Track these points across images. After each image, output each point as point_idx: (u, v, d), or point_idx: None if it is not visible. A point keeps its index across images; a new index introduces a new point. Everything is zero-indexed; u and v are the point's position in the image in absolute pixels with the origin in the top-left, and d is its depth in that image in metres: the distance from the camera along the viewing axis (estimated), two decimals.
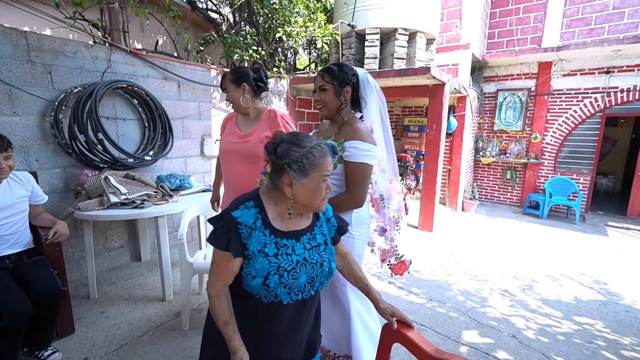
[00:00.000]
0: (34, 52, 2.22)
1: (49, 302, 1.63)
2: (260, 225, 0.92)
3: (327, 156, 0.92)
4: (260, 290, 0.90)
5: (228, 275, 0.93)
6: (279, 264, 0.91)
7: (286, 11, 3.38)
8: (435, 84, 3.90)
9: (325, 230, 1.03)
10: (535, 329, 2.15)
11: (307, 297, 0.96)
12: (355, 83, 1.37)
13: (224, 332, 0.91)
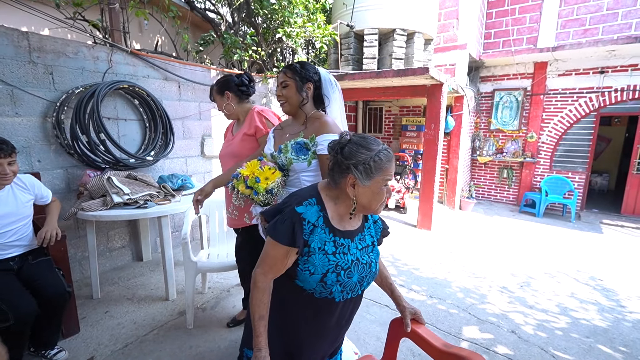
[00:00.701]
0: (35, 53, 2.22)
1: (55, 303, 1.64)
2: (322, 223, 0.94)
3: (393, 161, 0.93)
4: (317, 287, 0.93)
5: (281, 269, 0.94)
6: (337, 262, 0.93)
7: (285, 12, 3.40)
8: (433, 84, 3.95)
9: (373, 232, 1.06)
10: (533, 324, 2.20)
11: (355, 295, 1.00)
12: (317, 80, 1.40)
13: (256, 326, 0.92)
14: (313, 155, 1.30)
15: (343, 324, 1.03)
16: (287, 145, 1.33)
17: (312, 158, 1.30)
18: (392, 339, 1.16)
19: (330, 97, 1.42)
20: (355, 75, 3.81)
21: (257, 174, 1.26)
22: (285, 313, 0.99)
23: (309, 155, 1.30)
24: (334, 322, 1.01)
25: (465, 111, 5.25)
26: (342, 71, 4.11)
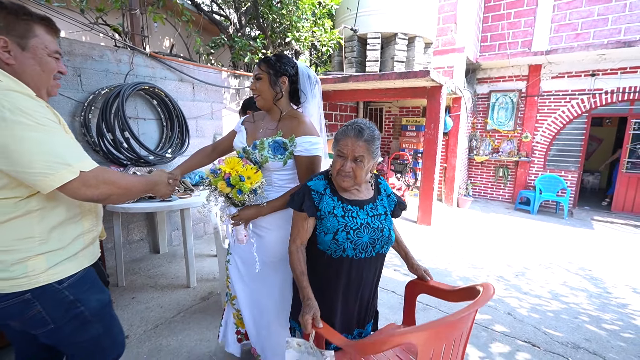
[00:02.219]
0: (66, 56, 2.37)
1: None
2: (329, 192, 1.16)
3: (345, 137, 1.11)
4: (330, 245, 1.12)
5: (304, 233, 1.17)
6: (345, 223, 1.12)
7: (293, 16, 3.57)
8: (433, 86, 4.14)
9: (386, 204, 1.24)
10: (527, 307, 2.40)
11: (369, 256, 1.16)
12: (293, 75, 1.34)
13: (299, 281, 1.12)
14: (289, 156, 1.29)
15: (359, 282, 1.18)
16: (263, 142, 1.29)
17: (288, 158, 1.29)
18: (410, 300, 1.38)
19: (307, 93, 1.38)
20: (359, 77, 4.00)
21: (240, 172, 1.20)
22: (316, 279, 1.17)
23: (286, 155, 1.29)
24: (355, 281, 1.17)
25: (463, 112, 5.46)
26: (346, 73, 4.29)
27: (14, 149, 0.77)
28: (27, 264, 0.86)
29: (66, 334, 0.96)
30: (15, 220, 0.84)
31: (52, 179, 0.80)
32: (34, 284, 0.87)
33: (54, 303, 0.92)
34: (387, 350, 1.15)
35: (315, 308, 1.07)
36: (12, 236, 0.84)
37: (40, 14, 0.92)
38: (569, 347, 1.97)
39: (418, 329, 0.91)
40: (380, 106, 6.61)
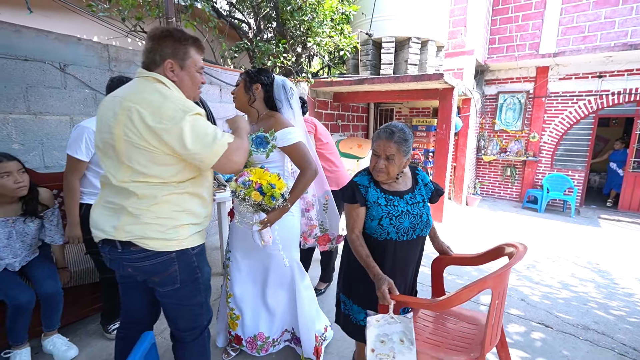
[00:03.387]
0: (113, 62, 2.59)
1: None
2: (373, 186, 1.36)
3: (381, 138, 1.30)
4: (376, 229, 1.32)
5: (359, 222, 1.35)
6: (388, 211, 1.32)
7: (313, 22, 3.76)
8: (445, 88, 4.31)
9: (423, 192, 1.42)
10: (539, 295, 2.57)
11: (410, 239, 1.34)
12: (267, 84, 1.54)
13: (366, 263, 1.28)
14: (271, 149, 1.48)
15: (403, 262, 1.37)
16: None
17: (270, 151, 1.48)
18: (437, 274, 1.57)
19: (283, 101, 1.58)
20: (375, 80, 4.18)
21: (269, 180, 1.35)
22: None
23: (268, 149, 1.48)
24: (400, 261, 1.36)
25: (472, 113, 5.62)
26: (362, 76, 4.48)
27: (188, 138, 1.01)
28: (177, 230, 1.10)
29: (182, 295, 1.18)
30: (176, 196, 1.09)
31: (213, 153, 1.05)
32: (178, 247, 1.10)
33: (186, 266, 1.14)
34: (469, 299, 1.27)
35: (389, 280, 1.22)
36: (172, 208, 1.08)
37: (192, 36, 1.15)
38: (580, 328, 2.14)
39: (490, 277, 1.19)
40: (391, 107, 6.79)
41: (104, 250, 1.14)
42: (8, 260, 1.61)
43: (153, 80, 1.08)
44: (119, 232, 1.06)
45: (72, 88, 2.39)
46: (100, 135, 1.09)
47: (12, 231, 1.59)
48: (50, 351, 1.76)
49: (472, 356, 1.25)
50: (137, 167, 1.03)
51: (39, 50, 2.20)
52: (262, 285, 1.68)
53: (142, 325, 1.32)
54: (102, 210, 1.12)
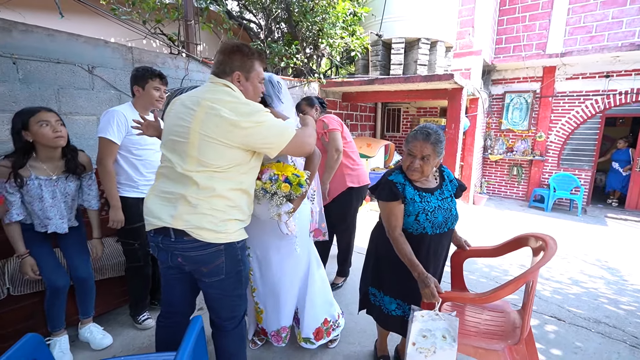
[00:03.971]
0: (136, 64, 2.68)
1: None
2: (408, 183, 1.42)
3: (417, 139, 1.36)
4: (413, 224, 1.39)
5: (400, 219, 1.39)
6: (423, 207, 1.39)
7: (325, 24, 3.84)
8: (454, 88, 4.37)
9: (450, 188, 1.51)
10: (550, 290, 2.64)
11: (442, 232, 1.43)
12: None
13: (411, 261, 1.33)
14: None
15: (435, 254, 1.46)
16: None
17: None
18: (456, 267, 1.65)
19: (272, 96, 1.61)
20: (385, 80, 4.25)
21: (293, 172, 1.44)
22: (396, 255, 1.43)
23: None
24: (433, 254, 1.44)
25: (479, 112, 5.67)
26: (372, 76, 4.56)
27: (263, 132, 1.17)
28: (227, 223, 1.18)
29: (226, 285, 1.26)
30: (232, 191, 1.19)
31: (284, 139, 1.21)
32: (227, 240, 1.19)
33: (232, 258, 1.23)
34: (514, 292, 1.32)
35: (434, 279, 1.30)
36: (226, 202, 1.18)
37: (257, 51, 1.27)
38: (591, 321, 2.21)
39: (530, 271, 1.28)
40: (399, 107, 6.85)
41: (155, 239, 1.22)
42: (55, 221, 1.64)
43: (223, 85, 1.21)
44: (176, 220, 1.14)
45: (98, 89, 2.48)
46: (171, 130, 1.19)
47: (55, 190, 1.63)
48: (86, 339, 1.85)
49: (509, 342, 1.33)
50: (205, 159, 1.14)
51: (70, 53, 2.29)
52: (280, 278, 1.74)
53: (181, 315, 1.40)
54: (157, 200, 1.20)
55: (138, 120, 1.59)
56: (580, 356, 1.87)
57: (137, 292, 2.03)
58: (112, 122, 1.72)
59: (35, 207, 1.59)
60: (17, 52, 2.05)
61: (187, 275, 1.31)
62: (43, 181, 1.58)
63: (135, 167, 1.87)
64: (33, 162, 1.57)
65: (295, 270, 1.73)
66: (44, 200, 1.59)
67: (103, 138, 1.72)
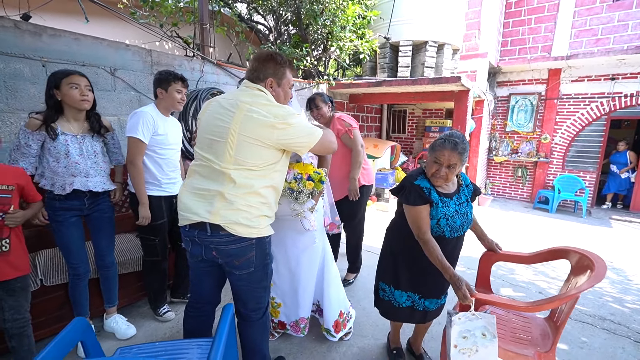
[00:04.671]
0: (155, 66, 2.77)
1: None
2: (433, 189, 1.45)
3: (444, 147, 1.38)
4: (434, 228, 1.43)
5: (428, 223, 1.40)
6: (445, 212, 1.43)
7: (335, 26, 3.92)
8: (460, 90, 4.44)
9: (466, 192, 1.55)
10: (555, 288, 2.70)
11: (458, 235, 1.48)
12: None
13: (442, 264, 1.33)
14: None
15: (452, 255, 1.51)
16: None
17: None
18: (484, 268, 1.74)
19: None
20: (393, 82, 4.33)
21: (314, 170, 1.58)
22: (414, 255, 1.50)
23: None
24: (448, 255, 1.45)
25: (485, 114, 5.72)
26: (379, 78, 4.63)
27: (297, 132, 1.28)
28: (259, 219, 1.27)
29: (254, 278, 1.35)
30: (265, 189, 1.28)
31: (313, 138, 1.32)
32: (258, 235, 1.28)
33: (261, 252, 1.32)
34: (561, 305, 1.40)
35: (465, 281, 1.29)
36: (260, 199, 1.27)
37: (288, 59, 1.37)
38: (596, 318, 2.27)
39: (581, 289, 1.27)
40: (404, 108, 6.92)
41: (191, 234, 1.29)
42: (80, 179, 1.68)
43: (257, 90, 1.30)
44: (214, 216, 1.21)
45: (120, 90, 2.58)
46: (208, 129, 1.27)
47: (82, 147, 1.69)
48: (112, 329, 1.94)
49: (539, 350, 1.37)
50: (242, 157, 1.22)
51: (94, 56, 2.39)
52: (297, 271, 1.82)
53: (209, 306, 1.49)
54: (192, 196, 1.28)
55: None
56: (585, 351, 1.94)
57: (155, 285, 2.11)
58: (141, 122, 1.81)
59: (61, 163, 1.63)
60: (47, 55, 2.15)
61: (217, 268, 1.39)
62: (69, 137, 1.65)
63: (160, 166, 1.95)
64: (61, 121, 1.65)
65: (312, 262, 1.81)
66: (69, 156, 1.64)
67: (133, 138, 1.81)
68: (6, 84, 2.02)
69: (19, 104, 2.08)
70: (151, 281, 2.11)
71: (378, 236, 3.84)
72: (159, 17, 3.18)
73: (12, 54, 2.01)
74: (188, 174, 1.35)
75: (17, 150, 1.58)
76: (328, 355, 1.85)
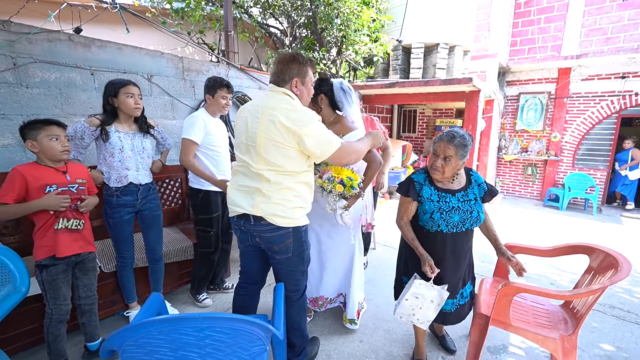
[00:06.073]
0: (185, 72, 2.97)
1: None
2: (428, 183, 1.59)
3: (441, 142, 1.50)
4: (428, 222, 1.55)
5: (408, 213, 1.61)
6: (439, 206, 1.53)
7: (350, 30, 4.09)
8: (471, 91, 4.55)
9: (476, 191, 1.60)
10: (567, 280, 2.83)
11: (459, 231, 1.54)
12: (328, 91, 1.84)
13: (413, 244, 1.56)
14: None
15: (454, 252, 1.59)
16: None
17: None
18: (503, 265, 1.85)
19: (344, 101, 1.86)
20: (405, 83, 4.47)
21: (347, 175, 1.67)
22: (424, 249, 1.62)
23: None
24: (448, 249, 1.58)
25: (495, 113, 5.82)
26: (392, 79, 4.78)
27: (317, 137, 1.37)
28: (294, 211, 1.44)
29: (292, 262, 1.52)
30: (296, 184, 1.42)
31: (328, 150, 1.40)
32: (294, 224, 1.45)
33: (297, 239, 1.49)
34: (590, 296, 1.48)
35: (430, 259, 1.50)
36: (293, 193, 1.43)
37: (309, 59, 1.50)
38: (606, 306, 2.40)
39: (610, 282, 1.38)
40: (414, 108, 7.04)
41: (238, 223, 1.48)
42: (133, 172, 1.88)
43: (282, 94, 1.42)
44: (255, 209, 1.40)
45: (155, 95, 2.78)
46: (243, 134, 1.43)
47: (133, 143, 1.88)
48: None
49: (562, 333, 1.50)
50: (271, 159, 1.37)
51: (134, 64, 2.60)
52: (325, 257, 2.02)
53: (255, 286, 1.68)
54: (237, 192, 1.46)
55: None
56: (596, 334, 2.08)
57: (203, 274, 2.30)
58: (194, 125, 2.01)
59: (116, 157, 1.82)
60: (95, 64, 2.36)
61: (262, 252, 1.58)
62: (122, 134, 1.84)
63: (216, 162, 2.17)
64: (115, 123, 1.85)
65: (343, 256, 2.00)
66: (123, 151, 1.84)
67: (186, 139, 2.01)
68: (61, 92, 2.23)
69: (72, 109, 2.30)
70: (200, 270, 2.29)
71: (390, 231, 4.00)
72: (186, 25, 3.38)
73: (66, 64, 2.23)
74: (233, 173, 1.53)
75: (71, 141, 1.77)
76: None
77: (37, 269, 1.49)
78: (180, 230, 2.67)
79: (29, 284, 1.46)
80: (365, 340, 2.01)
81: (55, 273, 1.50)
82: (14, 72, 2.02)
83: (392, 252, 3.47)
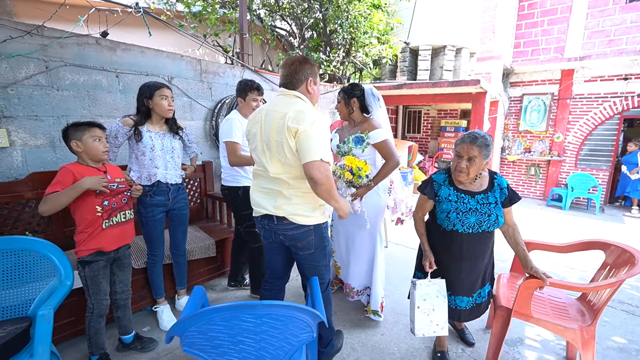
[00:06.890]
0: (203, 74, 3.04)
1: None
2: (447, 184, 1.63)
3: (463, 144, 1.53)
4: (444, 221, 1.60)
5: (424, 209, 1.71)
6: (457, 206, 1.56)
7: (359, 33, 4.17)
8: (478, 92, 4.64)
9: (497, 195, 1.59)
10: (576, 277, 2.91)
11: (475, 232, 1.56)
12: (360, 96, 2.02)
13: (421, 240, 1.67)
14: (366, 145, 1.95)
15: (470, 252, 1.62)
16: (349, 139, 2.01)
17: (365, 147, 1.95)
18: (517, 263, 1.93)
19: (372, 105, 2.05)
20: (413, 85, 4.55)
21: (357, 165, 1.83)
22: (434, 246, 1.70)
23: (363, 145, 1.96)
24: (464, 249, 1.61)
25: (500, 114, 5.90)
26: (400, 81, 4.86)
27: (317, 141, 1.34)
28: (315, 210, 1.50)
29: (315, 257, 1.59)
30: (310, 192, 1.43)
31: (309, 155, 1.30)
32: (315, 222, 1.51)
33: (319, 236, 1.55)
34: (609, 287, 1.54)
35: (431, 256, 1.63)
36: (312, 198, 1.47)
37: (315, 61, 1.56)
38: (616, 302, 2.48)
39: (627, 276, 1.46)
40: (419, 109, 7.12)
41: (262, 222, 1.55)
42: (162, 171, 1.94)
43: (294, 97, 1.44)
44: (278, 210, 1.46)
45: (175, 96, 2.83)
46: (257, 138, 1.47)
47: (163, 143, 1.95)
48: (182, 307, 2.21)
49: (581, 324, 1.57)
50: (285, 161, 1.39)
51: (155, 66, 2.66)
52: (351, 247, 2.19)
53: (280, 281, 1.75)
54: (260, 194, 1.52)
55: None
56: (608, 327, 2.16)
57: (263, 270, 2.26)
58: (233, 127, 2.08)
59: (147, 155, 1.89)
60: (119, 67, 2.43)
61: (286, 249, 1.64)
62: (153, 134, 1.91)
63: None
64: (147, 123, 1.92)
65: (362, 244, 2.14)
66: (154, 150, 1.90)
67: (229, 142, 2.07)
68: (89, 94, 2.30)
69: (98, 110, 2.36)
70: (260, 267, 2.32)
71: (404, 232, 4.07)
72: (201, 27, 3.45)
73: (93, 67, 2.29)
74: (253, 176, 1.58)
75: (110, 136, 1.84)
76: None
77: (80, 265, 1.56)
78: (200, 228, 2.74)
79: (73, 278, 1.53)
80: (387, 333, 2.08)
81: (97, 269, 1.57)
82: (46, 75, 2.08)
83: (406, 251, 3.55)
